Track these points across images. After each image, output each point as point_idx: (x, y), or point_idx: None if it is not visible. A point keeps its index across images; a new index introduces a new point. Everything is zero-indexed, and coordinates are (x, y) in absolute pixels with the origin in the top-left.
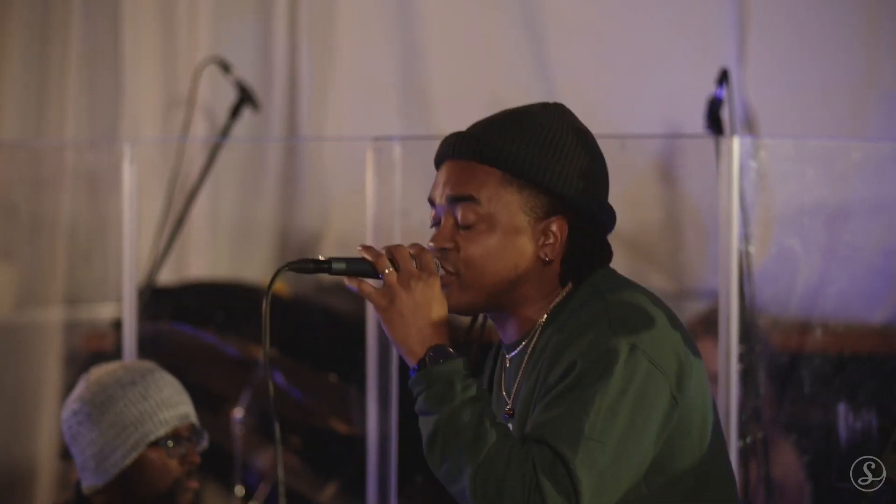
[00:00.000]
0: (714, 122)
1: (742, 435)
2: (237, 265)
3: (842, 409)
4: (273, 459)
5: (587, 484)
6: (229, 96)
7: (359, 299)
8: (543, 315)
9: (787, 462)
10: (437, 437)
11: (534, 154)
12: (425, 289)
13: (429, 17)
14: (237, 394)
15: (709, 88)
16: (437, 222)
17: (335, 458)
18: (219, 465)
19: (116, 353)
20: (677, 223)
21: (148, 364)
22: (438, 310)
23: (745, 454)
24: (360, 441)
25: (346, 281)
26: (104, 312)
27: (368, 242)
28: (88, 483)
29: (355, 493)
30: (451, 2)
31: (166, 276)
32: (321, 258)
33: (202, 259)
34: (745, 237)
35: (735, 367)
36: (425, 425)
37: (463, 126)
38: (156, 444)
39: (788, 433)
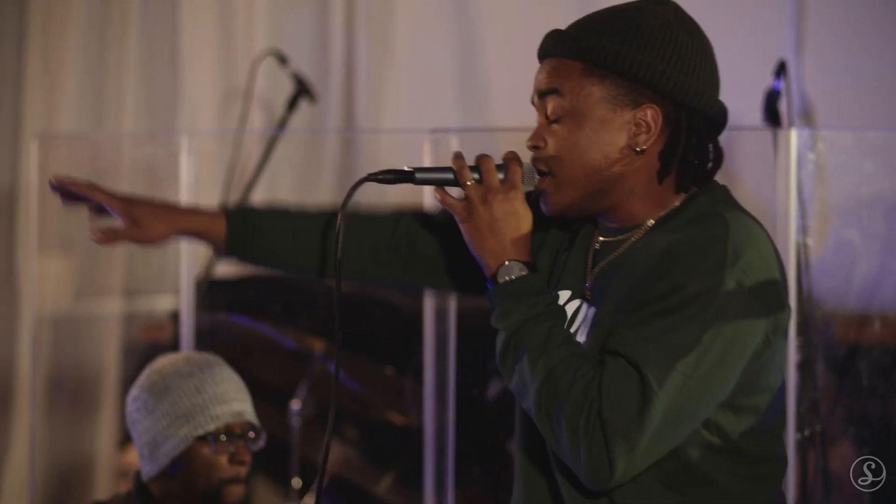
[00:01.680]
0: (772, 114)
1: (800, 428)
2: None
3: None
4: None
5: (661, 414)
6: (286, 88)
7: (416, 292)
8: (653, 216)
9: (845, 455)
10: (506, 352)
11: (615, 43)
12: (503, 202)
13: (485, 8)
14: (294, 386)
15: (766, 80)
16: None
17: (392, 449)
18: (275, 457)
19: (174, 345)
20: None
21: (211, 358)
22: (516, 224)
23: (803, 447)
24: (416, 433)
25: (433, 192)
26: (162, 304)
27: None
28: (145, 471)
29: (412, 485)
30: None
31: (224, 268)
32: (405, 168)
33: None
34: (803, 229)
35: (793, 359)
36: (498, 339)
37: (519, 120)
38: (204, 438)
39: (847, 426)
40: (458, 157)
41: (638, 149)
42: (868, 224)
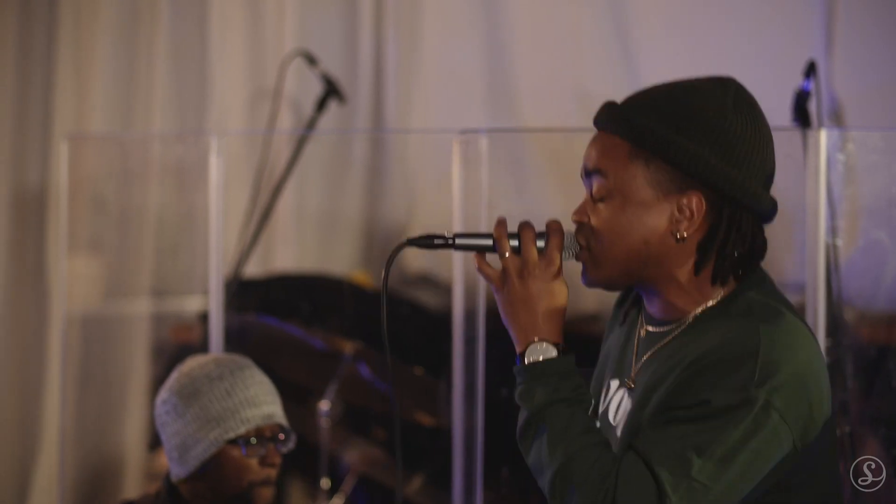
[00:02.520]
0: (801, 115)
1: None
2: (323, 258)
3: None
4: (361, 451)
5: None
6: (315, 89)
7: (444, 292)
8: (694, 310)
9: (875, 456)
10: (527, 431)
11: (661, 126)
12: (539, 279)
13: (515, 9)
14: (323, 386)
15: (796, 80)
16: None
17: (421, 450)
18: (304, 457)
19: (203, 346)
20: None
21: (241, 360)
22: (550, 301)
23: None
24: (445, 434)
25: (473, 258)
26: (191, 304)
27: None
28: (175, 473)
29: (441, 486)
30: None
31: (253, 269)
32: (445, 234)
33: (288, 251)
34: (832, 230)
35: None
36: (520, 417)
37: (548, 120)
38: (235, 441)
39: (876, 427)
40: (500, 224)
41: (678, 235)
42: None
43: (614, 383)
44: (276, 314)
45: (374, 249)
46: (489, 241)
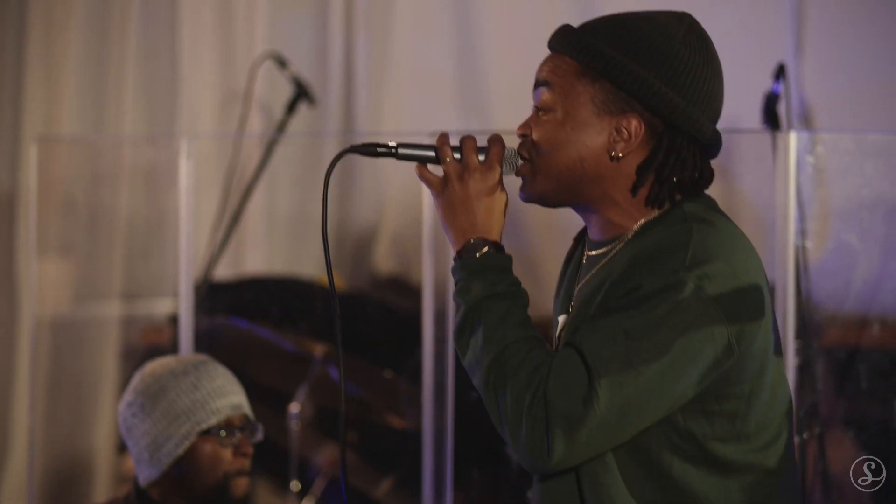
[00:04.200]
0: (771, 117)
1: (799, 430)
2: (293, 260)
3: None
4: (331, 454)
5: (604, 400)
6: (286, 91)
7: (414, 295)
8: (634, 226)
9: (845, 457)
10: (463, 327)
11: (612, 49)
12: (479, 181)
13: (486, 11)
14: (293, 389)
15: (766, 83)
16: None
17: (391, 452)
18: (274, 460)
19: (173, 348)
20: (733, 218)
21: (201, 356)
22: (489, 203)
23: (802, 450)
24: (415, 436)
25: (414, 168)
26: (161, 307)
27: (425, 238)
28: (144, 476)
29: (411, 488)
30: None
31: (223, 271)
32: (389, 143)
33: (258, 254)
34: (802, 232)
35: (792, 362)
36: (456, 314)
37: (519, 122)
38: (208, 433)
39: (846, 429)
40: (443, 135)
41: (613, 155)
42: (868, 227)
43: (561, 318)
44: (246, 317)
45: (344, 252)
46: (432, 152)
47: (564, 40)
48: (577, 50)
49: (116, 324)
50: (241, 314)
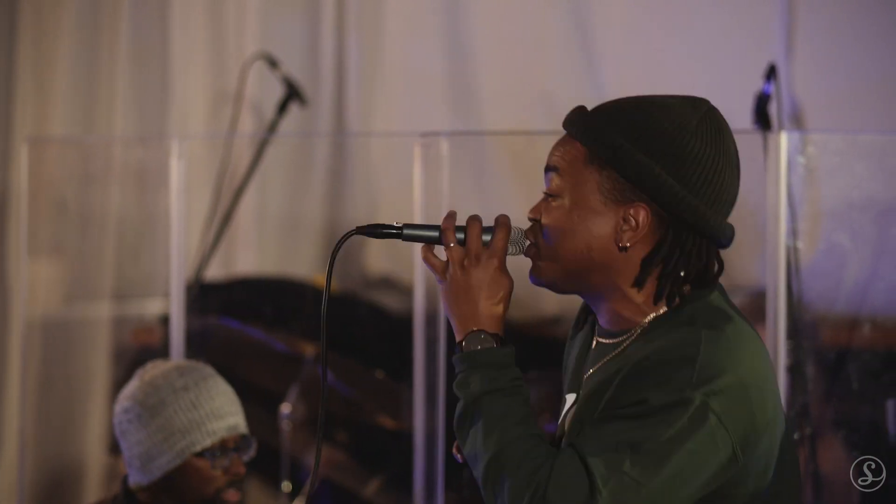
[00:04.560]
0: (762, 118)
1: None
2: (285, 260)
3: (891, 405)
4: (323, 454)
5: None
6: (277, 92)
7: (405, 295)
8: (643, 320)
9: (836, 458)
10: (463, 420)
11: (621, 137)
12: (481, 270)
13: (477, 12)
14: (284, 389)
15: (756, 84)
16: None
17: (382, 453)
18: (266, 460)
19: (164, 349)
20: None
21: (204, 369)
22: (491, 293)
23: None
24: (406, 436)
25: (420, 250)
26: (152, 307)
27: None
28: (134, 479)
29: (401, 488)
30: None
31: (214, 272)
32: (395, 223)
33: (250, 254)
34: (793, 233)
35: (783, 362)
36: (458, 407)
37: (509, 124)
38: (201, 454)
39: (837, 429)
40: (449, 216)
41: (620, 245)
42: (858, 227)
43: (570, 397)
44: (237, 317)
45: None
46: (436, 233)
47: (575, 124)
48: (586, 136)
49: (107, 324)
50: (232, 314)
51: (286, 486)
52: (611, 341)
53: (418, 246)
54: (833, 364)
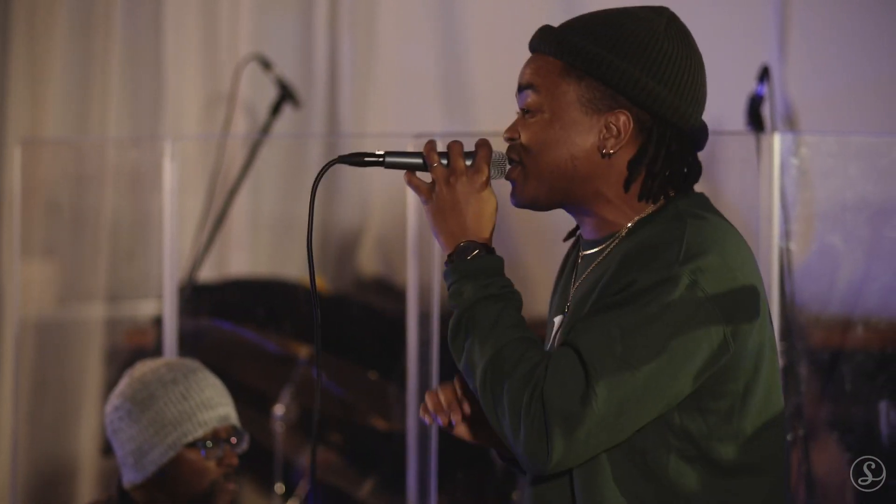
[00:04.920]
0: (755, 119)
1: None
2: (278, 262)
3: (884, 406)
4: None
5: (602, 398)
6: (270, 93)
7: (398, 296)
8: (627, 224)
9: (830, 459)
10: (457, 330)
11: (596, 46)
12: (466, 184)
13: (471, 13)
14: (277, 390)
15: (750, 85)
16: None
17: (375, 454)
18: (259, 462)
19: (157, 350)
20: None
21: (192, 363)
22: (479, 206)
23: (786, 451)
24: (399, 437)
25: (403, 176)
26: (145, 309)
27: (409, 240)
28: (128, 479)
29: (394, 490)
30: None
31: (207, 273)
32: (376, 151)
33: (243, 256)
34: (786, 234)
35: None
36: (452, 319)
37: (503, 124)
38: (193, 445)
39: (830, 430)
40: (430, 142)
41: (604, 152)
42: (852, 229)
43: (557, 319)
44: (230, 318)
45: (328, 254)
46: (419, 160)
47: (546, 40)
48: (560, 49)
49: (101, 325)
50: (225, 316)
51: (279, 487)
52: (595, 250)
53: (411, 249)
54: (826, 365)
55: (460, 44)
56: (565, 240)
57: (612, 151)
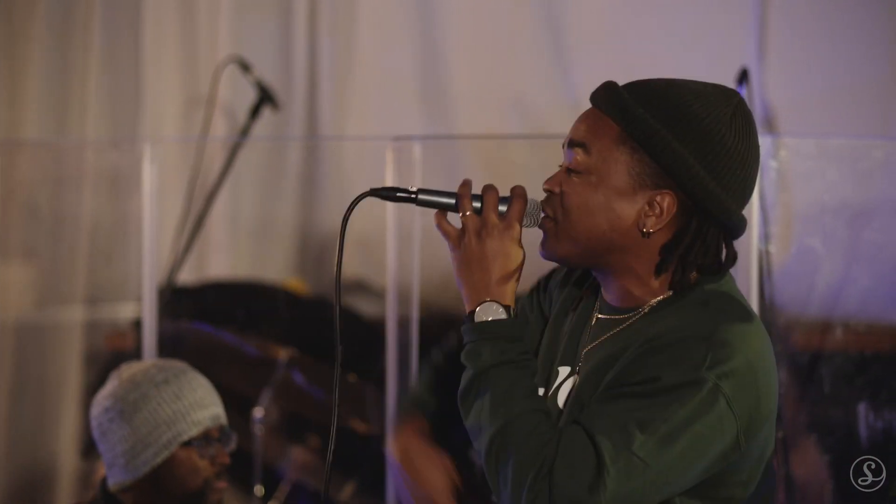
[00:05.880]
0: None
1: None
2: (257, 264)
3: (863, 408)
4: (294, 460)
5: (610, 492)
6: (249, 96)
7: (378, 299)
8: (651, 301)
9: (809, 461)
10: (469, 391)
11: (656, 121)
12: (496, 240)
13: (450, 16)
14: (257, 393)
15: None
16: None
17: (354, 457)
18: (238, 465)
19: (137, 353)
20: None
21: (180, 364)
22: (505, 264)
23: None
24: (379, 440)
25: (434, 216)
26: (125, 311)
27: (389, 243)
28: (116, 480)
29: (375, 493)
30: (472, 1)
31: (186, 276)
32: (410, 188)
33: (222, 258)
34: (766, 236)
35: None
36: (464, 376)
37: (482, 128)
38: (188, 444)
39: (809, 432)
40: (465, 184)
41: (644, 230)
42: (831, 231)
43: (564, 370)
44: (210, 321)
45: (307, 256)
46: (452, 200)
47: (610, 101)
48: (622, 115)
49: (80, 328)
50: (204, 318)
51: (258, 489)
52: (615, 317)
53: (391, 252)
54: (805, 367)
55: (439, 47)
56: (582, 284)
57: (651, 230)
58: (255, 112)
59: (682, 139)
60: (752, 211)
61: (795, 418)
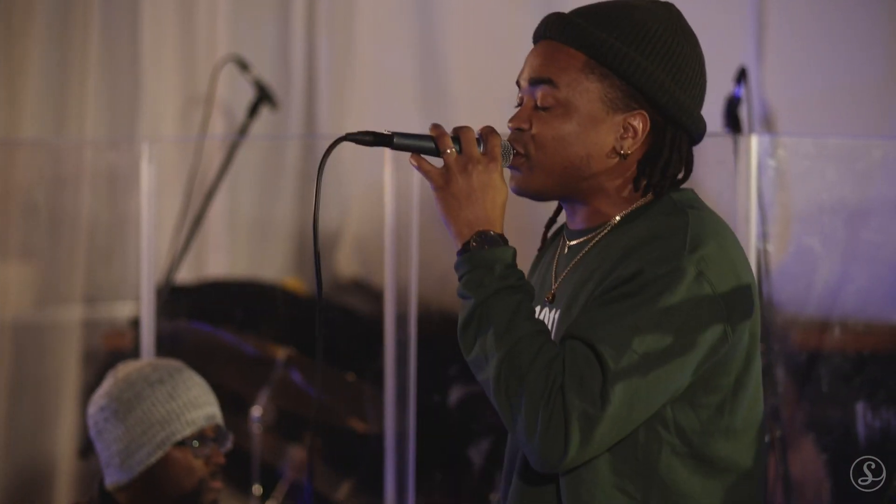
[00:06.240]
0: (732, 121)
1: None
2: (255, 263)
3: (861, 407)
4: (292, 459)
5: (618, 395)
6: (248, 95)
7: (375, 298)
8: (619, 214)
9: (806, 460)
10: (470, 321)
11: (622, 43)
12: (483, 173)
13: (448, 14)
14: (255, 392)
15: (727, 87)
16: (519, 103)
17: (353, 455)
18: (236, 464)
19: (135, 352)
20: None
21: (176, 363)
22: (494, 196)
23: (763, 453)
24: (377, 439)
25: (409, 158)
26: (123, 311)
27: (387, 241)
28: (112, 480)
29: (372, 491)
30: (471, 1)
31: (185, 275)
32: (384, 131)
33: (220, 257)
34: (764, 235)
35: None
36: (463, 309)
37: (479, 124)
38: (182, 443)
39: (807, 432)
40: (436, 126)
41: (622, 152)
42: (829, 230)
43: (541, 310)
44: (208, 320)
45: (306, 256)
46: (430, 143)
47: (567, 30)
48: (584, 42)
49: (78, 328)
50: (202, 318)
51: (256, 489)
52: (583, 239)
53: (389, 250)
54: (803, 367)
55: (438, 45)
56: (548, 234)
57: (629, 152)
58: (253, 111)
59: (649, 56)
60: (751, 210)
61: (793, 418)
